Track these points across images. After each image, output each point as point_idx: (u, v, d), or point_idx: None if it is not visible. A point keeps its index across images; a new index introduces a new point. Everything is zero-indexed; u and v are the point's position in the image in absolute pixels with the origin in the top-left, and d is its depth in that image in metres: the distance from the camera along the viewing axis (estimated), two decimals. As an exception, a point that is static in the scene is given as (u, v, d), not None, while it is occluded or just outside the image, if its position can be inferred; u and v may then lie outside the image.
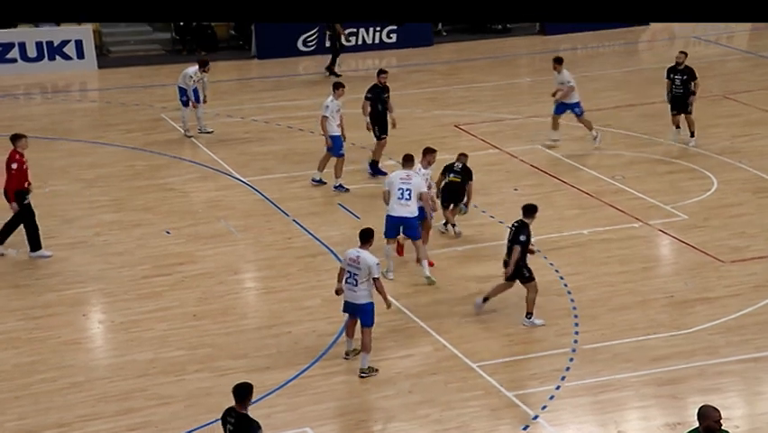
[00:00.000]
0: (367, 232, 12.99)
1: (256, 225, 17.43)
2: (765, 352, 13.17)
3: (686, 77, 19.59)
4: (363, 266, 12.62)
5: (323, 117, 18.28)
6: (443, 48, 28.26)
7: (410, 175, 15.31)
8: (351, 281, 12.75)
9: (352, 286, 12.75)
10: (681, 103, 19.69)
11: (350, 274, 12.75)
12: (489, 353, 13.39)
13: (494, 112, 22.60)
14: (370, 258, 12.67)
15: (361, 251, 12.77)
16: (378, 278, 12.67)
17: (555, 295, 14.81)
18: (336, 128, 18.28)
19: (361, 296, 12.73)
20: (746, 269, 15.36)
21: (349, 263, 12.75)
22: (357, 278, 12.68)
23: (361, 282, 12.67)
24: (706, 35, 28.86)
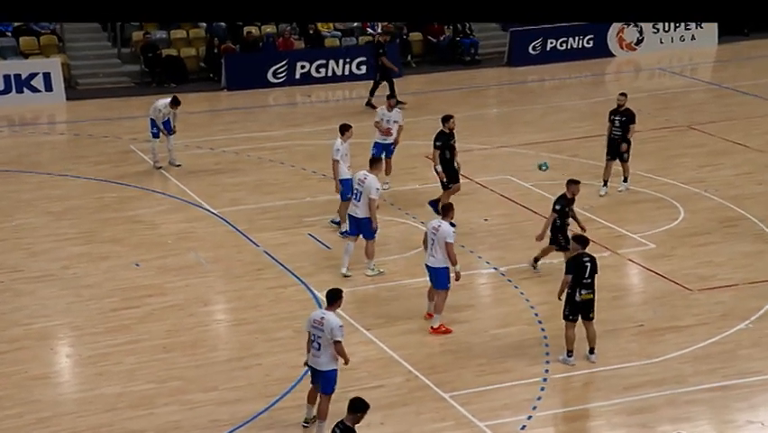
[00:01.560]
0: (334, 293, 12.24)
1: (226, 256, 17.33)
2: (733, 380, 13.23)
3: (625, 119, 18.94)
4: (326, 328, 11.80)
5: (334, 161, 17.26)
6: (413, 79, 28.39)
7: (364, 179, 15.83)
8: (315, 345, 11.96)
9: (315, 351, 11.96)
10: (618, 147, 18.99)
11: (314, 338, 11.95)
12: (460, 382, 13.34)
13: (463, 142, 22.61)
14: (333, 320, 11.85)
15: (326, 312, 12.01)
16: (339, 342, 11.80)
17: (525, 324, 14.81)
18: (347, 171, 17.17)
19: (323, 362, 11.93)
20: (714, 297, 15.45)
21: (313, 325, 11.94)
22: (320, 341, 11.87)
23: (324, 346, 11.86)
24: (671, 67, 29.19)
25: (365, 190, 15.86)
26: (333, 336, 11.79)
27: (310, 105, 27.03)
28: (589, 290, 13.41)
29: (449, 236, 14.22)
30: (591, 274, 13.40)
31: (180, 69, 28.12)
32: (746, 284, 15.81)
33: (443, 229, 14.28)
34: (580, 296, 13.40)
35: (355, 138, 18.27)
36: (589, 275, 13.38)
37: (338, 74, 28.32)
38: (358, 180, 16.08)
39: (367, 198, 15.83)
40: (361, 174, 16.10)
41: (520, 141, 22.71)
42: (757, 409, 12.74)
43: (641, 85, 28.89)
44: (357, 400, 10.35)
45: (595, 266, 13.45)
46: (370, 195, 15.82)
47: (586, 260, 13.42)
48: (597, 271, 13.47)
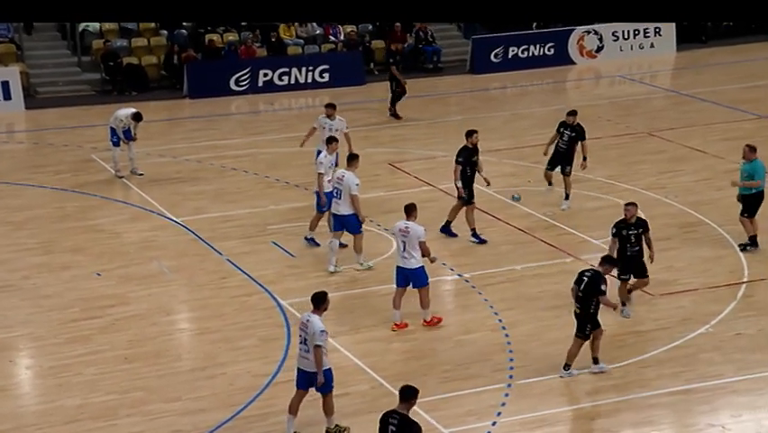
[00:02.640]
0: (319, 296, 12.28)
1: (189, 265, 17.22)
2: (695, 384, 13.32)
3: (575, 134, 18.72)
4: (310, 331, 11.93)
5: (319, 174, 16.92)
6: (376, 87, 28.40)
7: (342, 176, 16.12)
8: (302, 348, 12.09)
9: (304, 352, 12.08)
10: (561, 159, 18.76)
11: (302, 340, 12.11)
12: (425, 389, 13.25)
13: (427, 149, 22.72)
14: (316, 324, 11.92)
15: (311, 315, 12.09)
16: (319, 346, 11.84)
17: (489, 331, 14.84)
18: (329, 184, 16.80)
19: (313, 362, 12.02)
20: (675, 302, 15.57)
21: (300, 327, 12.15)
22: (308, 343, 12.00)
23: (312, 348, 11.97)
24: (630, 74, 29.43)
25: (344, 188, 16.11)
26: (313, 341, 11.86)
27: (273, 113, 26.96)
28: (577, 305, 13.35)
29: (422, 235, 14.52)
30: (585, 288, 13.19)
31: (141, 77, 27.95)
32: (706, 289, 15.95)
33: (413, 229, 14.51)
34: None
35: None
36: (582, 288, 13.21)
37: (301, 82, 28.30)
38: (337, 179, 16.32)
39: (348, 195, 16.09)
40: (339, 173, 16.38)
41: (483, 148, 22.70)
42: (719, 412, 12.85)
43: (602, 92, 29.12)
44: (407, 388, 10.47)
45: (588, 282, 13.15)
46: (351, 191, 16.08)
47: (585, 275, 13.25)
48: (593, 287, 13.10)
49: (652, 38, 31.20)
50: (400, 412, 10.34)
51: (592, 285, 13.11)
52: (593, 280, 13.12)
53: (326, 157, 17.16)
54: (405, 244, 14.57)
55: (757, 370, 13.60)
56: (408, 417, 10.32)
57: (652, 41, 31.16)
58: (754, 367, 13.62)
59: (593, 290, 13.09)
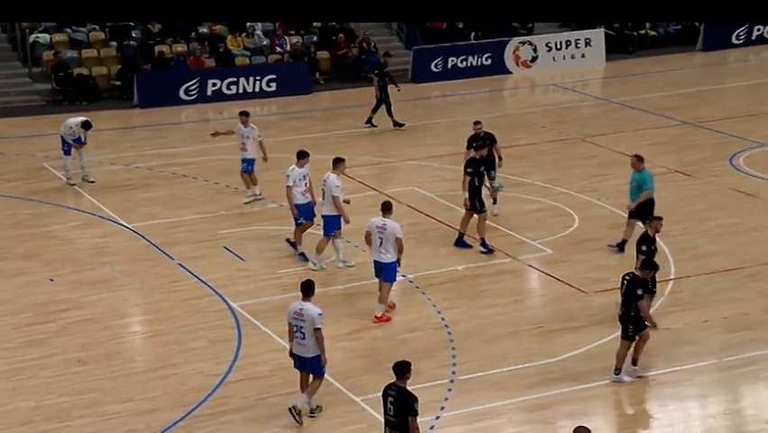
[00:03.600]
0: (309, 284, 12.48)
1: (141, 269, 17.07)
2: (645, 373, 13.44)
3: (488, 141, 18.70)
4: (307, 318, 12.13)
5: (287, 187, 16.70)
6: (321, 96, 28.43)
7: (327, 178, 16.30)
8: (299, 335, 12.27)
9: (300, 339, 12.27)
10: (487, 166, 18.27)
11: (297, 328, 12.27)
12: (371, 386, 13.32)
13: (371, 156, 22.78)
14: (312, 309, 12.18)
15: (303, 303, 12.28)
16: (319, 329, 12.13)
17: (432, 329, 14.91)
18: (301, 196, 16.71)
19: (310, 348, 12.24)
20: (606, 299, 15.74)
21: (294, 317, 12.28)
22: (304, 331, 12.21)
23: (309, 334, 12.20)
24: (563, 83, 29.74)
25: (327, 189, 16.26)
26: (313, 324, 12.13)
27: (222, 122, 26.78)
28: (623, 307, 13.27)
29: (398, 231, 14.79)
30: (625, 292, 13.12)
31: (92, 87, 27.65)
32: (637, 286, 16.15)
33: (390, 226, 14.77)
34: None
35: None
36: (624, 293, 13.17)
37: (249, 91, 28.21)
38: (322, 181, 16.40)
39: (330, 196, 16.20)
40: (324, 175, 16.43)
41: (425, 154, 22.91)
42: (648, 403, 13.04)
43: (536, 100, 29.40)
44: (401, 364, 10.80)
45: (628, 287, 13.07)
46: (332, 192, 16.18)
47: (626, 278, 13.20)
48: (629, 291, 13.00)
49: (582, 48, 31.57)
50: (398, 385, 10.72)
51: (629, 289, 13.02)
52: (630, 285, 13.02)
53: (294, 170, 16.83)
54: (382, 240, 14.88)
55: (683, 362, 13.79)
56: (405, 388, 10.69)
57: (582, 51, 31.52)
58: (680, 360, 13.84)
59: (630, 293, 13.05)
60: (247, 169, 19.75)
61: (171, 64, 28.40)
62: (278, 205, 19.78)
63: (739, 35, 32.61)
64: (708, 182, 20.68)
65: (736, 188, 20.16)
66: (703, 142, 23.43)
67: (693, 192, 20.20)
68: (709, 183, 20.63)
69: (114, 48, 28.81)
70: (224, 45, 29.09)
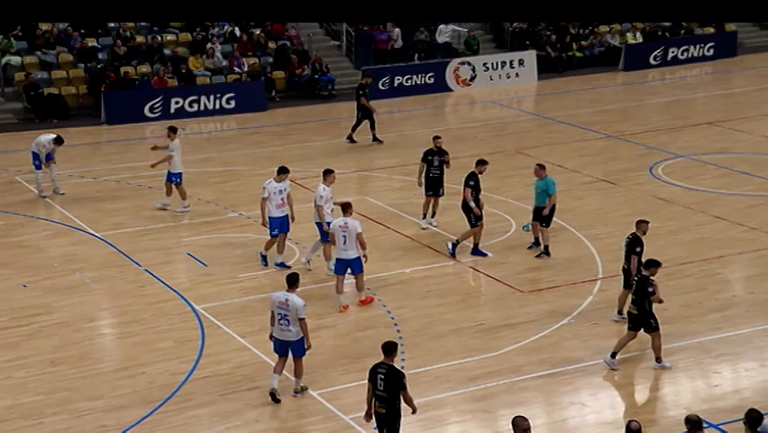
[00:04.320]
0: (294, 276, 12.79)
1: (110, 275, 16.87)
2: (559, 368, 13.60)
3: (443, 157, 18.54)
4: (292, 308, 12.40)
5: (262, 199, 16.45)
6: (277, 112, 28.34)
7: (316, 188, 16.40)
8: (283, 322, 12.53)
9: (285, 326, 12.53)
10: (437, 184, 18.53)
11: (281, 316, 12.53)
12: (327, 381, 13.34)
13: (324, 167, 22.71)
14: (297, 300, 12.47)
15: (289, 294, 12.52)
16: (304, 318, 12.45)
17: (383, 327, 14.92)
18: (276, 209, 16.36)
19: (294, 333, 12.53)
20: (542, 297, 15.91)
21: (279, 306, 12.53)
22: (289, 318, 12.47)
23: (293, 321, 12.47)
24: (500, 100, 29.95)
25: (315, 198, 16.28)
26: (298, 315, 12.39)
27: (184, 137, 26.54)
28: (633, 306, 13.37)
29: (359, 228, 15.04)
30: (636, 291, 13.28)
31: (61, 106, 27.28)
32: (568, 285, 16.33)
33: (351, 224, 15.03)
34: (629, 308, 13.54)
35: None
36: (634, 292, 13.32)
37: (209, 108, 28.02)
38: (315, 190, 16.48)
39: (317, 205, 16.27)
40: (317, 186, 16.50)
41: (375, 165, 22.96)
42: (579, 391, 13.17)
43: (476, 116, 29.54)
44: (388, 344, 11.12)
45: (638, 285, 13.26)
46: (317, 202, 16.24)
47: (635, 279, 13.49)
48: (641, 291, 13.17)
49: (516, 68, 31.82)
50: (386, 364, 10.95)
51: (640, 288, 13.16)
52: (640, 284, 13.21)
53: (270, 183, 16.51)
54: (345, 238, 15.07)
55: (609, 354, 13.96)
56: (393, 366, 10.93)
57: (516, 71, 31.78)
58: (607, 351, 13.97)
59: (641, 292, 13.15)
60: (175, 180, 19.47)
61: (136, 84, 28.11)
62: (237, 214, 19.70)
63: (656, 56, 33.12)
64: (631, 190, 20.97)
65: (656, 196, 20.47)
66: (626, 153, 23.76)
67: (618, 199, 20.47)
68: (632, 191, 20.92)
69: (81, 69, 28.45)
70: (185, 66, 28.86)
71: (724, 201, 19.93)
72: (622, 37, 33.52)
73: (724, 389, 13.28)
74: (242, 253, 17.65)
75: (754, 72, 31.85)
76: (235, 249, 17.91)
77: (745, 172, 21.70)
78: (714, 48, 33.58)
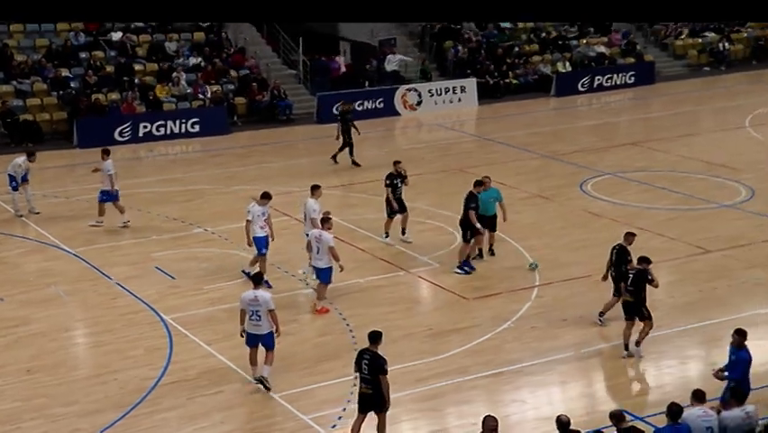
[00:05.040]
0: (258, 275, 13.36)
1: (83, 289, 16.60)
2: (501, 369, 13.67)
3: (404, 179, 18.48)
4: (262, 302, 12.60)
5: (246, 221, 16.19)
6: (239, 135, 28.17)
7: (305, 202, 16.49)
8: (254, 318, 12.72)
9: (256, 321, 12.72)
10: (402, 203, 18.46)
11: (252, 312, 12.71)
12: (287, 384, 13.24)
13: (284, 186, 22.63)
14: (265, 294, 12.76)
15: (256, 291, 12.75)
16: (273, 309, 12.70)
17: (339, 333, 14.87)
18: (259, 230, 16.12)
19: (264, 327, 12.74)
20: (485, 304, 15.97)
21: (249, 304, 12.71)
22: (260, 314, 12.67)
23: (263, 316, 12.69)
24: (444, 123, 30.10)
25: (307, 212, 16.31)
26: (268, 306, 12.62)
27: (152, 159, 26.34)
28: (629, 295, 13.78)
29: (330, 241, 15.07)
30: (633, 283, 13.72)
31: (36, 131, 26.83)
32: (509, 292, 16.42)
33: (324, 237, 15.10)
34: (623, 297, 13.95)
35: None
36: (631, 284, 13.76)
37: (175, 132, 27.77)
38: (303, 205, 16.58)
39: (309, 218, 16.18)
40: (305, 201, 16.55)
41: (330, 183, 22.87)
42: (520, 390, 13.24)
43: (423, 137, 29.65)
44: (375, 332, 11.40)
45: (635, 277, 13.73)
46: (310, 214, 16.19)
47: (630, 273, 13.92)
48: (639, 281, 13.67)
49: (459, 94, 32.04)
50: (371, 350, 11.23)
51: (637, 279, 13.65)
52: (639, 276, 13.68)
53: (254, 207, 16.26)
54: (319, 248, 15.18)
55: (547, 355, 14.06)
56: (377, 352, 11.21)
57: (459, 96, 32.00)
58: (545, 353, 14.11)
59: (639, 283, 13.65)
60: (104, 198, 19.33)
61: (106, 110, 27.76)
62: (202, 229, 19.52)
63: (584, 84, 33.59)
64: (564, 205, 21.20)
65: (586, 210, 20.71)
66: (558, 171, 24.01)
67: (552, 213, 20.67)
68: (564, 205, 21.14)
69: (54, 97, 28.03)
70: (153, 93, 28.58)
71: (646, 214, 20.24)
72: (553, 66, 33.95)
73: (648, 384, 13.46)
74: (208, 267, 17.49)
75: (670, 98, 32.46)
76: (201, 263, 17.73)
77: (663, 188, 22.07)
78: (634, 76, 34.18)
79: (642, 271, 13.72)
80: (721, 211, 20.38)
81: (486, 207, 17.29)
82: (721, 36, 36.51)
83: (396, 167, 18.55)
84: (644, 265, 13.74)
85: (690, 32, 36.79)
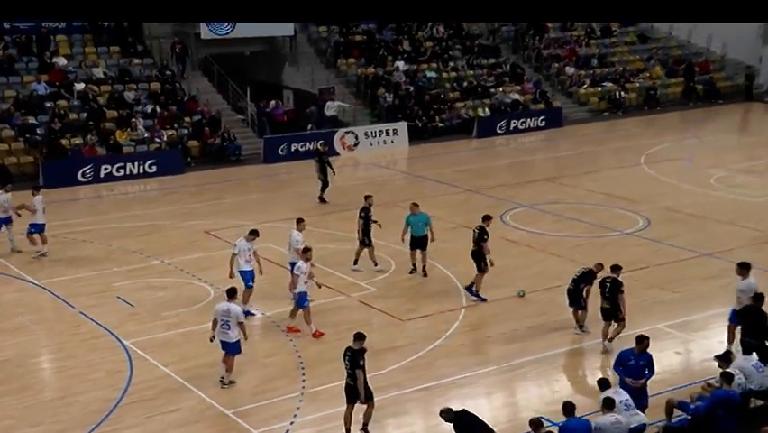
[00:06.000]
0: (231, 289, 13.38)
1: (48, 317, 16.16)
2: (433, 382, 13.70)
3: (370, 213, 18.62)
4: (233, 314, 12.99)
5: (232, 255, 15.85)
6: (193, 175, 27.89)
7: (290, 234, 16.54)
8: (225, 327, 13.09)
9: (226, 330, 13.11)
10: (370, 235, 18.50)
11: (223, 322, 13.08)
12: (239, 401, 13.06)
13: (235, 220, 22.48)
14: (236, 308, 13.11)
15: (229, 304, 13.07)
16: (242, 322, 13.14)
17: (287, 354, 14.74)
18: (245, 263, 15.76)
19: (232, 336, 13.15)
20: (417, 324, 16.02)
21: (222, 314, 13.07)
22: (230, 323, 13.04)
23: (233, 326, 13.07)
24: (379, 162, 30.26)
25: (291, 242, 16.32)
26: (238, 319, 13.05)
27: (113, 197, 25.87)
28: (606, 302, 14.25)
29: (298, 270, 15.04)
30: (609, 291, 14.20)
31: (4, 173, 26.14)
32: (438, 313, 16.49)
33: (297, 266, 15.15)
34: (602, 304, 14.40)
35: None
36: (608, 292, 14.21)
37: (134, 173, 27.36)
38: (289, 235, 16.60)
39: (294, 249, 16.15)
40: (290, 232, 16.62)
41: (276, 217, 22.80)
42: (450, 401, 13.19)
43: (360, 175, 29.72)
44: (358, 333, 11.92)
45: (611, 286, 14.19)
46: (295, 245, 16.23)
47: (608, 281, 14.29)
48: (615, 290, 14.14)
49: (392, 136, 32.31)
50: (353, 348, 11.76)
51: (613, 288, 14.13)
52: (615, 284, 14.17)
53: (241, 242, 15.91)
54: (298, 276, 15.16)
55: (473, 369, 14.15)
56: (356, 349, 11.73)
57: (391, 138, 32.26)
58: (471, 367, 14.20)
59: (616, 290, 14.15)
60: (32, 231, 19.14)
61: (69, 154, 27.24)
62: (159, 261, 19.22)
63: (501, 126, 34.19)
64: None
65: (506, 238, 20.98)
66: (481, 204, 24.24)
67: (476, 242, 20.84)
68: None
69: (22, 142, 27.40)
70: (113, 137, 28.16)
71: (558, 242, 20.61)
72: (474, 111, 34.54)
73: (562, 394, 13.65)
74: (164, 295, 17.20)
75: (576, 139, 33.25)
76: (158, 291, 17.43)
77: (572, 218, 22.53)
78: (545, 120, 34.98)
79: (616, 281, 14.22)
80: (622, 238, 20.88)
81: (416, 229, 17.88)
82: (618, 86, 37.67)
83: (367, 201, 18.63)
84: (618, 273, 14.26)
85: (591, 82, 37.86)
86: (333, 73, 34.84)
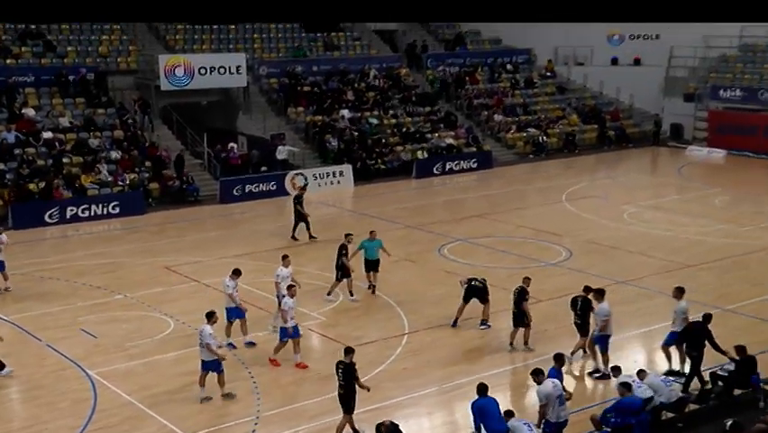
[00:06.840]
0: (211, 312, 13.66)
1: (17, 350, 15.68)
2: (379, 404, 13.65)
3: (345, 252, 18.83)
4: (203, 336, 13.39)
5: (228, 295, 15.58)
6: (154, 215, 27.55)
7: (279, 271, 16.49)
8: (202, 347, 13.49)
9: (201, 349, 13.54)
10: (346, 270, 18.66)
11: (200, 342, 13.49)
12: (199, 425, 12.90)
13: (193, 256, 22.26)
14: (206, 330, 13.41)
15: (204, 326, 13.46)
16: (209, 344, 13.34)
17: (243, 380, 14.61)
18: (229, 301, 15.54)
19: (207, 355, 13.45)
20: (364, 351, 15.86)
21: (199, 335, 13.53)
22: (202, 344, 13.47)
23: (204, 346, 13.41)
24: (327, 201, 30.30)
25: (281, 278, 16.32)
26: (205, 340, 13.35)
27: (79, 237, 25.35)
28: (577, 318, 14.89)
29: (284, 305, 14.95)
30: (581, 309, 14.82)
31: (-27, 213, 25.41)
32: (382, 339, 16.54)
33: (284, 302, 15.07)
34: (574, 320, 14.97)
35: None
36: (579, 309, 14.84)
37: (98, 214, 26.90)
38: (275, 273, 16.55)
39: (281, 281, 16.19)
40: (277, 269, 16.60)
41: (232, 253, 22.68)
42: (395, 420, 13.28)
43: (310, 213, 29.70)
44: (348, 347, 12.54)
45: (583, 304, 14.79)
46: (279, 280, 16.32)
47: (579, 299, 14.91)
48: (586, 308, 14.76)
49: (338, 177, 32.49)
50: (344, 361, 12.30)
51: (584, 307, 14.72)
52: (585, 303, 14.73)
53: (230, 281, 15.70)
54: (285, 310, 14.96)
55: (416, 390, 14.24)
56: (347, 362, 12.26)
57: (338, 179, 32.44)
58: (413, 389, 14.25)
59: (588, 307, 14.75)
60: None
61: (36, 196, 26.68)
62: (122, 295, 18.90)
63: (438, 168, 34.70)
64: (425, 266, 21.64)
65: (444, 269, 21.21)
66: (421, 238, 24.55)
67: (417, 273, 21.06)
68: (426, 267, 21.58)
69: (-10, 183, 26.74)
70: (79, 181, 27.71)
71: (492, 272, 20.86)
72: (413, 154, 35.02)
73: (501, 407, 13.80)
74: (127, 327, 16.90)
75: (505, 179, 33.92)
76: (122, 324, 17.12)
77: (503, 251, 22.93)
78: (477, 162, 35.65)
79: (587, 299, 14.76)
80: (548, 268, 21.34)
81: (371, 252, 18.94)
82: (540, 131, 38.75)
83: (347, 238, 18.91)
84: (588, 294, 14.76)
85: (517, 128, 38.85)
86: (283, 120, 35.04)
